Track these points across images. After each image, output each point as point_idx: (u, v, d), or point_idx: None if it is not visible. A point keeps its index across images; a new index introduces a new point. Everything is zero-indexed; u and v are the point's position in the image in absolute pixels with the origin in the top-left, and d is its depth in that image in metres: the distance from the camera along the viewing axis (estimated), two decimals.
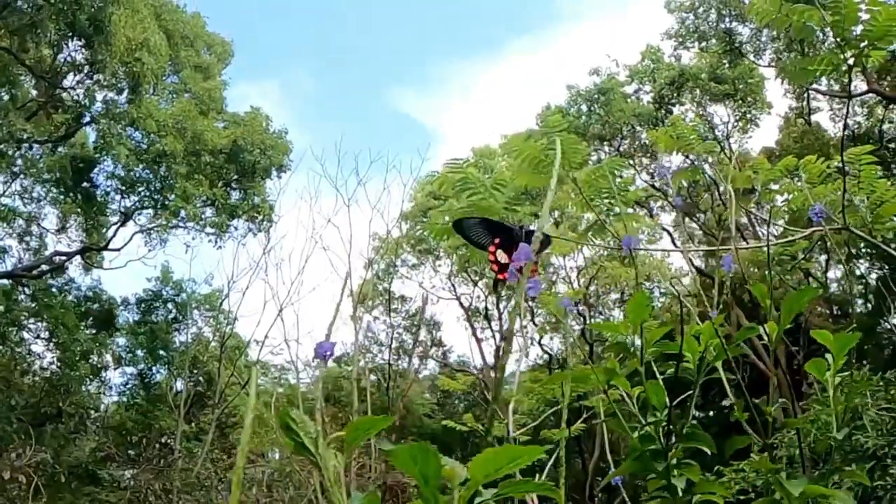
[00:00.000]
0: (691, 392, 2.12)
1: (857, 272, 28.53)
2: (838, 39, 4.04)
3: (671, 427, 1.98)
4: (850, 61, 4.06)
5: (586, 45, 48.07)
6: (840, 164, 4.67)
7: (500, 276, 3.74)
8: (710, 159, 24.99)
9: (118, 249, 21.57)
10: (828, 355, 2.21)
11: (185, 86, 20.63)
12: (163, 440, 19.62)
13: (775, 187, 5.54)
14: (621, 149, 25.48)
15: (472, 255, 4.81)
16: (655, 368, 2.16)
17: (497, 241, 3.95)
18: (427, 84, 47.27)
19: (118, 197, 20.79)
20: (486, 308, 25.75)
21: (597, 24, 43.47)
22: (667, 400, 2.02)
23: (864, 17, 3.91)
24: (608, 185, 4.47)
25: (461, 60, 48.06)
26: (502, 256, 3.66)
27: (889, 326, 26.91)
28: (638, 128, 24.58)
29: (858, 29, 4.00)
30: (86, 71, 17.59)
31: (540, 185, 4.53)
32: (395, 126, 41.14)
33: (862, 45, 4.05)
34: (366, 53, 45.58)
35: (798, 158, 5.21)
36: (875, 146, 22.54)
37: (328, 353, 1.45)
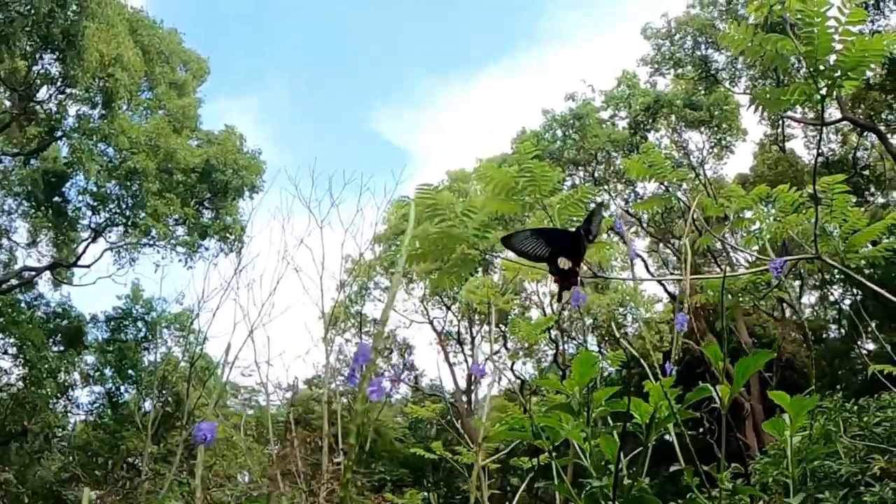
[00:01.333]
0: (642, 449, 2.01)
1: (831, 298, 28.81)
2: (811, 69, 4.00)
3: (617, 491, 1.87)
4: (823, 91, 4.03)
5: (565, 69, 48.48)
6: (813, 193, 4.63)
7: (561, 284, 3.58)
8: (684, 185, 25.24)
9: (88, 266, 21.36)
10: (785, 416, 2.10)
11: (160, 102, 20.47)
12: (130, 461, 19.27)
13: (749, 214, 5.50)
14: (596, 174, 25.58)
15: (440, 282, 4.74)
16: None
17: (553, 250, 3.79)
18: (406, 106, 47.44)
19: (89, 213, 20.58)
20: (459, 332, 25.62)
21: (576, 49, 43.87)
22: (619, 455, 1.91)
23: (838, 46, 3.88)
24: (579, 213, 4.42)
25: (440, 83, 48.30)
26: (564, 263, 3.53)
27: (863, 351, 27.11)
28: (613, 153, 24.69)
29: (832, 58, 3.97)
30: (58, 85, 17.41)
31: (511, 211, 4.47)
32: (372, 146, 41.20)
33: (835, 75, 4.02)
34: (345, 74, 45.73)
35: (772, 185, 5.17)
36: (849, 173, 22.72)
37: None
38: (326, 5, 45.20)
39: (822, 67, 3.99)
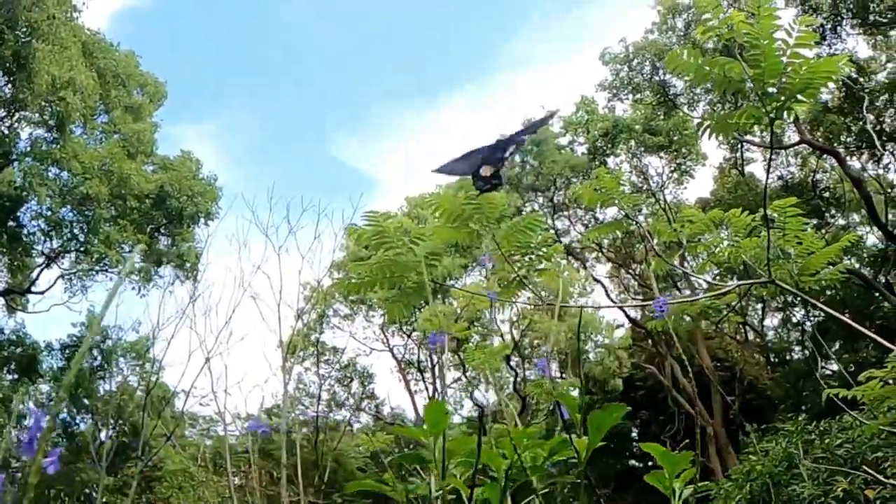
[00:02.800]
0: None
1: (794, 320, 29.06)
2: (759, 92, 3.95)
3: None
4: (773, 114, 3.97)
5: (525, 95, 48.80)
6: (764, 216, 4.57)
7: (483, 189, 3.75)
8: (645, 210, 25.37)
9: (42, 293, 20.96)
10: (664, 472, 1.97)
11: (115, 126, 20.15)
12: (86, 492, 18.86)
13: (709, 237, 5.44)
14: (555, 200, 25.65)
15: (390, 312, 4.62)
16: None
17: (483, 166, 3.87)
18: (367, 131, 47.42)
19: (43, 238, 20.17)
20: (420, 360, 25.40)
21: (536, 75, 44.17)
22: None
23: (788, 69, 3.83)
24: (528, 241, 4.34)
25: (402, 109, 48.37)
26: (486, 170, 3.63)
27: (828, 372, 27.31)
28: (573, 179, 24.74)
29: (782, 79, 3.91)
30: (9, 108, 17.07)
31: (461, 238, 4.39)
32: (333, 173, 41.05)
33: (783, 98, 3.96)
34: (306, 100, 45.62)
35: (732, 208, 5.12)
36: (809, 196, 22.87)
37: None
38: (286, 31, 45.14)
39: (772, 90, 3.94)
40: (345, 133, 47.99)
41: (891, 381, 5.28)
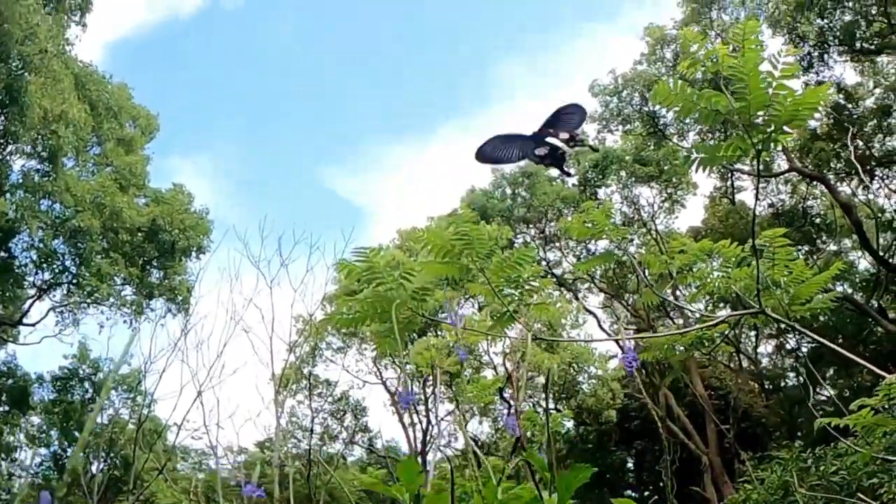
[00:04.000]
0: None
1: (788, 346, 29.02)
2: (745, 125, 3.97)
3: None
4: (759, 146, 3.99)
5: (515, 127, 49.02)
6: (758, 247, 4.58)
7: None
8: (636, 240, 25.40)
9: (33, 324, 20.86)
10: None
11: (108, 159, 20.18)
12: None
13: (700, 268, 5.44)
14: (547, 231, 25.70)
15: (381, 346, 4.61)
16: None
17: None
18: (359, 164, 47.64)
19: (35, 270, 20.14)
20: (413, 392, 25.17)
21: (526, 107, 44.49)
22: None
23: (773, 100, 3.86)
24: (517, 275, 4.34)
25: (394, 141, 48.66)
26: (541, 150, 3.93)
27: (822, 398, 27.23)
28: (564, 210, 24.80)
29: (768, 111, 3.94)
30: (0, 140, 17.09)
31: (451, 273, 4.38)
32: (326, 205, 41.16)
33: (769, 129, 3.99)
34: (299, 133, 45.87)
35: (723, 238, 5.14)
36: (800, 223, 22.90)
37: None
38: (278, 65, 45.47)
39: (758, 121, 3.96)
40: (337, 165, 48.24)
41: (885, 407, 5.27)
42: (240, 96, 45.57)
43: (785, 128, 3.95)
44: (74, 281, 19.64)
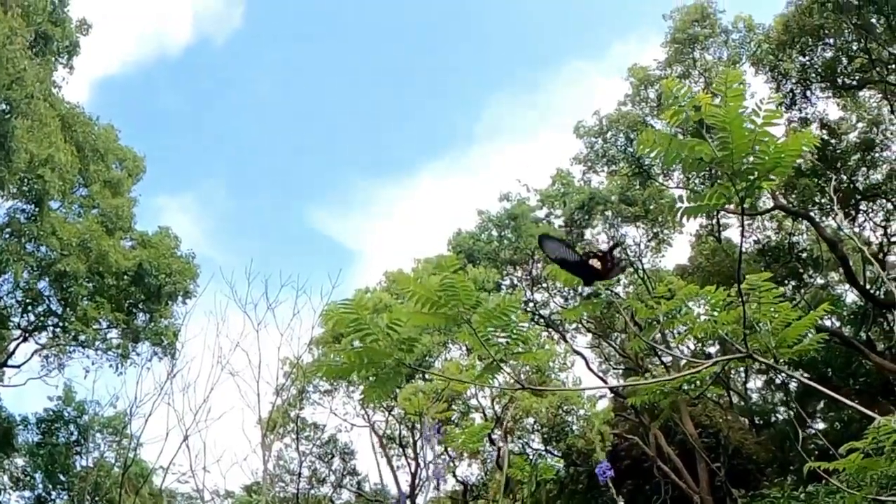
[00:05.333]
0: None
1: (777, 380, 28.95)
2: (728, 173, 3.98)
3: None
4: (742, 193, 4.00)
5: (501, 168, 49.37)
6: (744, 290, 4.58)
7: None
8: (623, 279, 25.35)
9: (18, 366, 20.71)
10: None
11: (94, 201, 20.15)
12: None
13: (686, 311, 5.43)
14: (534, 273, 25.66)
15: (368, 395, 4.56)
16: None
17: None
18: (346, 205, 47.71)
19: (20, 311, 20.02)
20: (401, 435, 24.97)
21: (511, 148, 44.81)
22: None
23: (756, 147, 3.87)
24: (503, 324, 4.31)
25: (380, 181, 48.77)
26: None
27: (813, 431, 27.11)
28: None
29: (751, 158, 3.95)
30: None
31: (436, 324, 4.34)
32: (313, 247, 41.04)
33: (751, 177, 4.00)
34: (286, 174, 45.95)
35: (710, 276, 5.20)
36: (786, 259, 22.90)
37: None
38: (263, 105, 45.65)
39: (742, 168, 3.97)
40: (324, 205, 48.27)
41: (874, 450, 5.24)
42: (226, 134, 45.69)
43: (769, 175, 3.97)
44: (60, 324, 19.52)
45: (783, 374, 27.16)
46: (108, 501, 21.24)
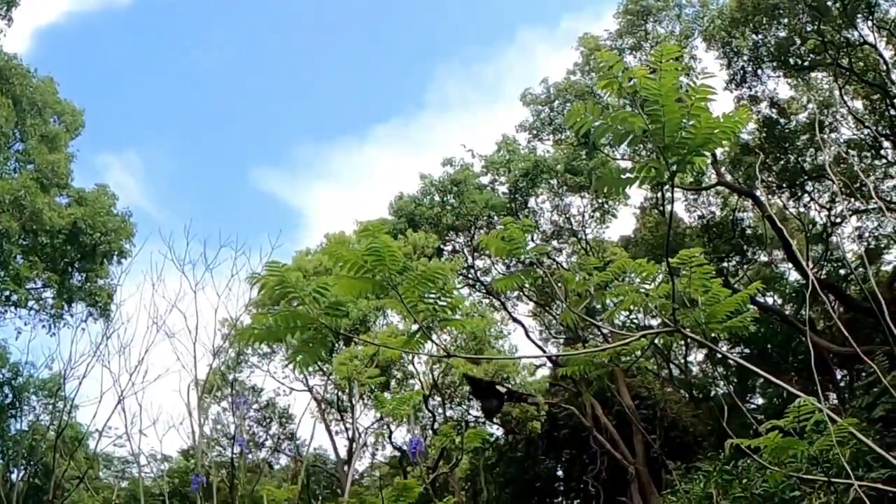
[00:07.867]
0: None
1: (718, 354, 29.47)
2: (659, 147, 3.95)
3: None
4: (674, 168, 3.98)
5: (450, 136, 49.31)
6: (667, 266, 4.59)
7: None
8: (567, 249, 25.43)
9: None
10: None
11: (30, 156, 19.54)
12: None
13: (634, 278, 5.44)
14: (475, 239, 25.57)
15: (294, 359, 4.50)
16: None
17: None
18: (293, 167, 47.29)
19: None
20: (339, 400, 24.88)
21: (461, 116, 44.71)
22: None
23: (689, 122, 3.84)
24: (433, 289, 4.26)
25: (328, 145, 48.44)
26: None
27: (753, 406, 27.68)
28: (495, 218, 24.72)
29: (683, 133, 3.92)
30: None
31: (364, 290, 4.29)
32: (258, 209, 40.67)
33: (682, 151, 3.98)
34: (232, 135, 45.30)
35: (653, 248, 5.20)
36: (730, 235, 23.25)
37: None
38: (210, 65, 44.79)
39: (670, 144, 3.94)
40: (270, 167, 47.76)
41: (794, 429, 5.31)
42: (173, 93, 44.74)
43: (701, 149, 3.96)
44: None
45: (724, 348, 27.70)
46: (42, 465, 20.90)
